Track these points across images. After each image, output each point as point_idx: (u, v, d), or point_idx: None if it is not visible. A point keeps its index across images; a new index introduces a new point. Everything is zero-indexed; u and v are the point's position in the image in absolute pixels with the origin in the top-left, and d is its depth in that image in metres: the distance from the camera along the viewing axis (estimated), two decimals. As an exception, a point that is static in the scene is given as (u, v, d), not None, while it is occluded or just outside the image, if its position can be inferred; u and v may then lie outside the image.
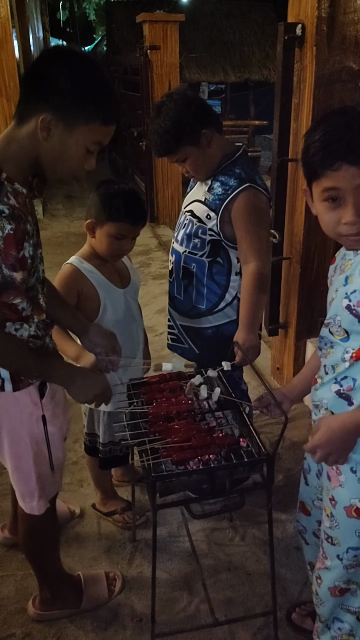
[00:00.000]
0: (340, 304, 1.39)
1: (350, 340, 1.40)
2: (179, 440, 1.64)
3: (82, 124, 1.39)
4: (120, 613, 2.05)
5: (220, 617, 1.99)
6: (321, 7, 2.40)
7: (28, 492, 1.75)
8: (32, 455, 1.68)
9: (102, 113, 1.40)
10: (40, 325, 1.58)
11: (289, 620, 1.98)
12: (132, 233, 2.04)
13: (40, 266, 1.58)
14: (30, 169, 1.46)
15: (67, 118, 1.37)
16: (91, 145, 1.43)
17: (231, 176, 2.14)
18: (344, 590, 1.53)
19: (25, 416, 1.64)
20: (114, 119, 1.44)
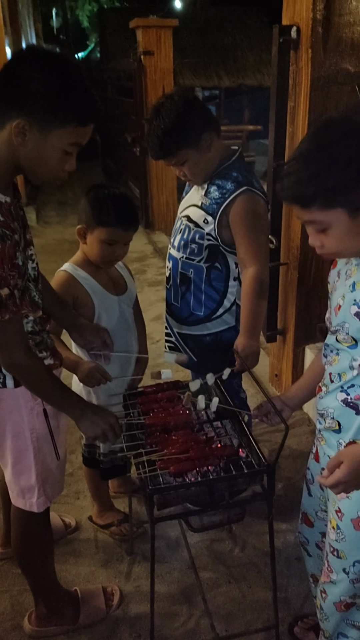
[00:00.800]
0: (348, 310, 1.35)
1: (359, 348, 1.36)
2: (176, 451, 1.60)
3: (57, 126, 1.35)
4: (118, 628, 2.00)
5: (221, 632, 1.94)
6: (316, 9, 2.37)
7: (28, 487, 1.73)
8: (32, 450, 1.68)
9: (77, 114, 1.36)
10: (37, 320, 1.59)
11: (291, 634, 1.93)
12: (123, 238, 2.00)
13: (30, 264, 1.56)
14: (11, 175, 1.43)
15: (41, 122, 1.33)
16: (69, 147, 1.39)
17: (228, 180, 2.11)
18: (350, 605, 1.48)
19: (26, 411, 1.64)
20: (91, 119, 1.40)
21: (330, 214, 1.23)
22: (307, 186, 1.22)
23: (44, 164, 1.40)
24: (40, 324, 1.62)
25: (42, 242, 6.39)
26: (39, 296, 1.62)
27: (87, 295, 2.02)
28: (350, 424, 1.39)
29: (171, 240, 2.33)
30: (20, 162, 1.40)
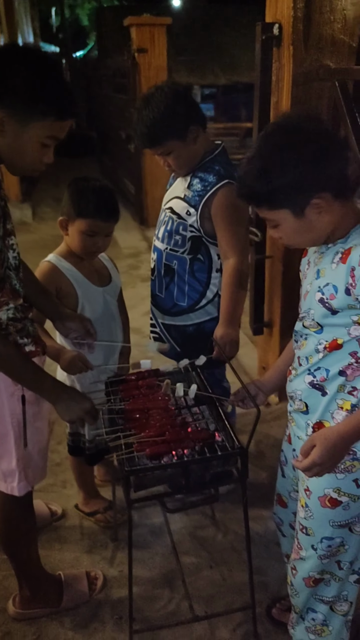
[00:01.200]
0: (313, 297, 1.41)
1: (324, 333, 1.41)
2: (153, 434, 1.65)
3: (35, 120, 1.41)
4: (100, 611, 2.05)
5: (200, 613, 1.99)
6: (297, 7, 2.42)
7: (9, 471, 1.77)
8: (13, 435, 1.72)
9: (54, 108, 1.42)
10: (18, 308, 1.63)
11: (269, 615, 1.98)
12: (103, 230, 2.04)
13: (11, 253, 1.60)
14: None
15: (19, 115, 1.39)
16: (46, 139, 1.45)
17: (210, 173, 2.15)
18: (318, 581, 1.53)
19: (7, 396, 1.68)
20: (69, 114, 1.46)
21: (277, 213, 1.34)
22: (254, 188, 1.32)
23: (22, 155, 1.46)
24: (21, 312, 1.66)
25: (37, 238, 6.44)
26: (20, 284, 1.66)
27: (70, 285, 2.07)
28: (317, 405, 1.44)
29: (156, 232, 2.37)
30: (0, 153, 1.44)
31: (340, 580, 1.53)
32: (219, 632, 1.96)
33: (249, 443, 1.65)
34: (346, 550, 1.49)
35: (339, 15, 2.48)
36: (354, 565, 1.53)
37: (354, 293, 1.31)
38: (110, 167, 9.33)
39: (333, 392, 1.41)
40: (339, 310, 1.36)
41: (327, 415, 1.43)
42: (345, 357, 1.38)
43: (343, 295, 1.33)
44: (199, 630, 1.96)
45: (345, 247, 1.35)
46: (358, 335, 1.35)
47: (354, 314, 1.33)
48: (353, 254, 1.31)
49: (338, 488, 1.43)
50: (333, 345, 1.39)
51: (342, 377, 1.39)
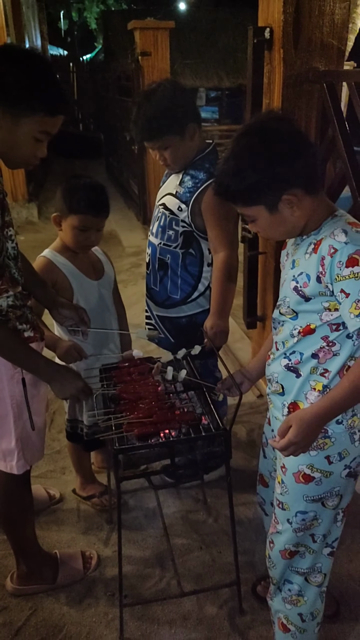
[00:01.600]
0: (289, 286, 1.50)
1: (299, 319, 1.51)
2: (142, 416, 1.75)
3: (27, 115, 1.51)
4: (94, 588, 2.15)
5: (188, 590, 2.08)
6: (287, 12, 2.51)
7: (9, 451, 1.87)
8: (12, 415, 1.82)
9: (46, 105, 1.52)
10: (18, 296, 1.73)
11: (254, 593, 2.08)
12: (95, 224, 2.14)
13: (9, 244, 1.71)
14: None
15: (13, 110, 1.50)
16: (38, 134, 1.56)
17: (201, 170, 2.25)
18: (294, 553, 1.63)
19: (7, 379, 1.78)
20: (60, 110, 1.56)
21: (253, 209, 1.44)
22: (229, 187, 1.42)
23: (16, 149, 1.57)
24: (20, 299, 1.76)
25: (43, 237, 6.56)
26: (19, 273, 1.76)
27: (65, 279, 2.17)
28: (292, 387, 1.54)
29: (151, 228, 2.47)
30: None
31: (314, 552, 1.62)
32: (206, 608, 2.05)
33: (232, 424, 1.75)
34: (319, 524, 1.59)
35: (327, 20, 2.56)
36: (327, 539, 1.62)
37: (324, 281, 1.40)
38: (117, 169, 9.45)
39: (306, 374, 1.50)
40: (311, 298, 1.45)
41: (301, 396, 1.52)
42: (317, 341, 1.47)
43: (315, 283, 1.42)
44: (187, 606, 2.06)
45: (317, 239, 1.44)
46: (329, 320, 1.44)
47: (325, 301, 1.43)
48: (323, 245, 1.40)
49: (311, 464, 1.52)
50: (307, 330, 1.48)
51: (314, 359, 1.49)
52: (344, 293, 1.35)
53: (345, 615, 2.00)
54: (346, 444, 1.51)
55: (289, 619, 1.68)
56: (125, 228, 7.13)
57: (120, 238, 6.67)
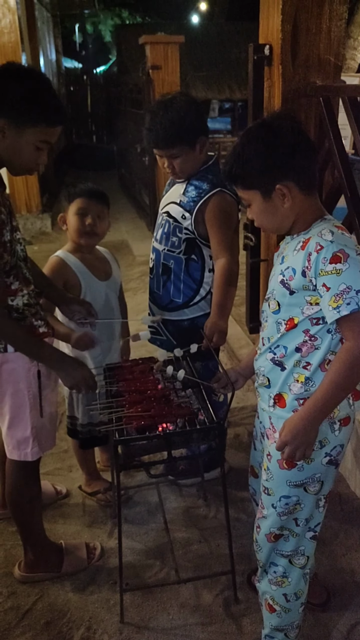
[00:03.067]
0: (276, 280, 1.63)
1: (281, 312, 1.63)
2: (140, 410, 1.86)
3: (29, 126, 1.69)
4: (97, 577, 2.25)
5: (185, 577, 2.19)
6: (285, 30, 2.63)
7: (24, 439, 2.01)
8: (28, 405, 1.97)
9: (45, 116, 1.71)
10: (31, 294, 1.90)
11: (249, 583, 2.17)
12: (91, 208, 2.31)
13: (19, 247, 1.86)
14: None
15: (17, 122, 1.68)
16: (40, 143, 1.74)
17: (204, 181, 2.38)
18: (278, 536, 1.73)
19: (24, 372, 1.93)
20: (58, 121, 1.75)
21: (249, 193, 1.58)
22: (232, 170, 1.58)
23: (19, 157, 1.74)
24: (34, 297, 1.93)
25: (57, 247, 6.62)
26: (29, 273, 1.94)
27: (75, 277, 2.33)
28: (277, 379, 1.65)
29: (154, 234, 2.60)
30: (1, 156, 1.73)
31: (297, 536, 1.72)
32: (203, 596, 2.15)
33: (225, 417, 1.86)
34: (302, 509, 1.69)
35: (324, 37, 2.69)
36: (309, 523, 1.72)
37: (309, 275, 1.51)
38: (129, 180, 9.63)
39: (290, 367, 1.62)
40: (295, 291, 1.57)
41: (285, 388, 1.64)
42: (299, 335, 1.59)
43: (300, 277, 1.54)
44: (185, 594, 2.16)
45: (306, 237, 1.56)
46: (310, 315, 1.55)
47: (307, 295, 1.54)
48: (311, 242, 1.52)
49: None
50: (290, 325, 1.60)
51: (298, 353, 1.60)
52: (325, 287, 1.47)
53: (334, 604, 2.09)
54: (326, 433, 1.62)
55: (274, 599, 1.78)
56: (136, 238, 7.28)
57: (131, 247, 6.81)
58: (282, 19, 2.62)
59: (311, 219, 1.59)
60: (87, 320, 2.23)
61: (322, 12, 2.66)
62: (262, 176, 1.54)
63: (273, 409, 1.67)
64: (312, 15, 2.65)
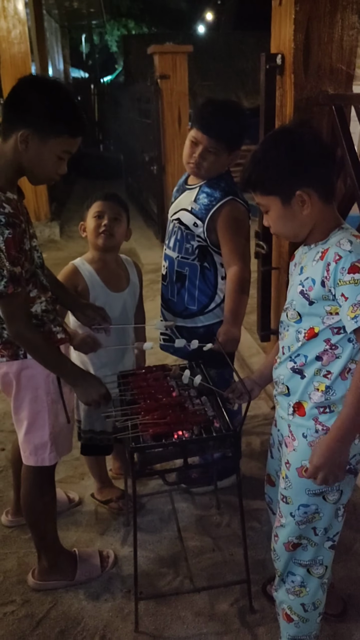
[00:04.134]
0: (295, 290, 1.63)
1: (303, 322, 1.62)
2: (157, 417, 1.86)
3: (53, 136, 1.72)
4: (111, 585, 2.24)
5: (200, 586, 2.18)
6: (297, 39, 2.65)
7: (42, 444, 2.02)
8: (47, 411, 1.99)
9: (68, 127, 1.74)
10: (49, 300, 1.93)
11: (264, 592, 2.16)
12: (107, 210, 2.34)
13: (36, 254, 1.89)
14: (16, 177, 1.80)
15: (40, 132, 1.70)
16: (62, 153, 1.77)
17: (216, 189, 2.39)
18: (296, 545, 1.72)
19: (43, 377, 1.95)
20: (80, 132, 1.78)
21: (268, 199, 1.59)
22: (252, 176, 1.59)
23: (42, 167, 1.77)
24: (51, 304, 1.96)
25: (65, 255, 6.75)
26: (46, 280, 1.96)
27: (85, 286, 2.35)
28: (297, 388, 1.65)
29: (166, 241, 2.60)
30: (23, 165, 1.76)
31: (316, 545, 1.71)
32: (218, 605, 2.14)
33: (242, 426, 1.86)
34: (321, 518, 1.68)
35: (336, 46, 2.70)
36: (328, 533, 1.71)
37: (328, 285, 1.51)
38: (136, 188, 9.67)
39: (310, 376, 1.61)
40: (314, 301, 1.56)
41: (305, 396, 1.63)
42: (320, 344, 1.58)
43: (319, 287, 1.54)
44: (199, 604, 2.14)
45: (324, 247, 1.56)
46: (330, 324, 1.55)
47: (327, 305, 1.54)
48: (329, 252, 1.52)
49: None
50: (310, 334, 1.59)
51: (318, 362, 1.59)
52: (343, 297, 1.47)
53: (352, 614, 2.07)
54: None
55: (292, 609, 1.77)
56: (144, 246, 7.30)
57: (139, 255, 6.83)
58: (295, 28, 2.64)
59: (329, 228, 1.60)
60: (102, 326, 2.24)
61: (334, 22, 2.67)
62: (283, 182, 1.55)
63: (292, 417, 1.67)
64: (324, 25, 2.67)
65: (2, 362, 1.94)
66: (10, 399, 2.03)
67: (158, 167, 6.89)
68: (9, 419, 3.38)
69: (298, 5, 2.62)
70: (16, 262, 1.70)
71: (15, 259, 1.69)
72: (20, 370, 1.93)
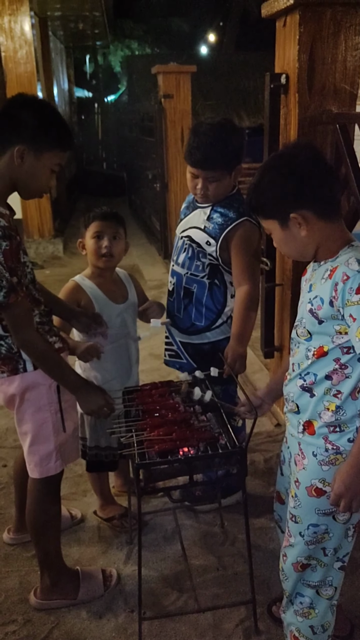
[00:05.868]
0: (305, 308, 1.62)
1: (313, 340, 1.61)
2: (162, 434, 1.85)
3: (46, 150, 1.81)
4: (114, 604, 2.21)
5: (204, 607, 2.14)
6: (301, 59, 2.68)
7: (47, 454, 2.02)
8: (51, 421, 1.99)
9: (60, 142, 1.84)
10: (42, 313, 1.96)
11: (270, 613, 2.12)
12: (107, 230, 2.34)
13: (27, 268, 1.92)
14: (7, 192, 1.86)
15: (35, 147, 1.80)
16: (54, 166, 1.87)
17: (230, 209, 2.39)
18: (305, 566, 1.69)
19: (45, 388, 1.96)
20: (69, 146, 1.89)
21: (269, 223, 1.61)
22: (251, 200, 1.63)
23: (36, 180, 1.86)
24: (45, 316, 1.99)
25: (68, 271, 6.77)
26: (38, 294, 1.99)
27: (89, 301, 2.36)
28: (307, 406, 1.63)
29: (174, 257, 2.60)
30: (17, 180, 1.84)
31: (325, 566, 1.68)
32: (222, 626, 2.10)
33: (247, 442, 1.84)
34: (330, 538, 1.65)
35: (340, 66, 2.73)
36: (338, 553, 1.68)
37: (336, 305, 1.51)
38: (139, 206, 9.73)
39: (320, 395, 1.60)
40: (324, 320, 1.56)
41: (315, 415, 1.62)
42: (330, 363, 1.57)
43: (327, 307, 1.53)
44: (204, 624, 2.11)
45: (333, 266, 1.55)
46: (340, 343, 1.54)
47: (336, 324, 1.53)
48: (338, 271, 1.51)
49: (323, 479, 1.61)
50: (320, 352, 1.59)
51: (328, 381, 1.58)
52: (352, 318, 1.46)
53: (359, 636, 2.04)
54: None
55: (300, 631, 1.74)
56: (147, 262, 7.32)
57: (142, 272, 6.85)
58: (299, 48, 2.67)
59: (336, 245, 1.58)
60: (99, 330, 2.28)
61: (337, 43, 2.71)
62: (277, 206, 1.57)
63: (302, 435, 1.66)
64: (328, 46, 2.70)
65: (3, 378, 1.94)
66: (14, 412, 2.03)
67: (161, 185, 6.94)
68: (11, 435, 3.36)
69: (302, 26, 2.66)
70: (14, 272, 1.75)
71: (13, 270, 1.74)
72: (22, 386, 1.94)
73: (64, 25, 10.94)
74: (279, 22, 2.88)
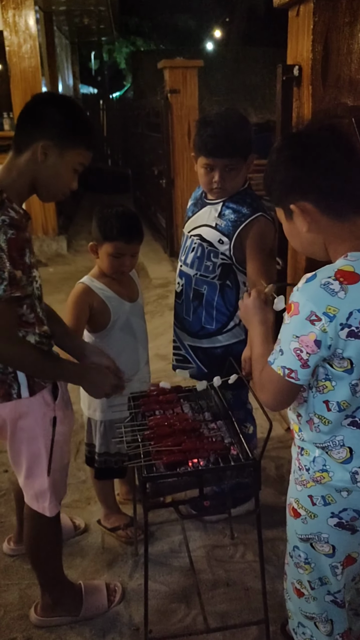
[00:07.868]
0: None
1: None
2: (170, 444, 1.74)
3: (71, 148, 1.70)
4: (118, 622, 2.11)
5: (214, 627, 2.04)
6: (315, 50, 2.57)
7: (41, 491, 1.88)
8: (46, 455, 1.84)
9: (85, 140, 1.73)
10: (42, 334, 1.78)
11: (283, 632, 2.02)
12: (128, 250, 2.20)
13: (35, 283, 1.76)
14: (26, 192, 1.74)
15: (59, 144, 1.69)
16: (77, 165, 1.75)
17: (243, 205, 2.28)
18: (300, 593, 1.59)
19: (40, 417, 1.81)
20: (93, 145, 1.79)
21: (278, 210, 1.45)
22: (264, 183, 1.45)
23: (58, 179, 1.75)
24: (46, 338, 1.81)
25: (72, 269, 6.68)
26: (43, 313, 1.82)
27: (102, 302, 2.24)
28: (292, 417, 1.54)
29: (182, 257, 2.48)
30: (37, 178, 1.71)
31: (316, 600, 1.56)
32: (233, 646, 2.00)
33: (262, 454, 1.73)
34: (313, 569, 1.53)
35: (355, 57, 2.62)
36: (328, 588, 1.54)
37: None
38: (144, 203, 9.61)
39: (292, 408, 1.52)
40: None
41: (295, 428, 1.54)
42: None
43: None
44: (213, 644, 2.01)
45: None
46: None
47: None
48: None
49: (297, 499, 1.51)
50: None
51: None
52: None
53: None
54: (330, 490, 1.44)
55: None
56: (152, 260, 7.21)
57: (147, 270, 6.74)
58: (313, 39, 2.56)
59: (343, 248, 1.34)
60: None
61: (353, 33, 2.59)
62: (280, 192, 1.38)
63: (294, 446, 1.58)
64: (343, 36, 2.59)
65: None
66: (6, 442, 1.88)
67: (167, 181, 6.82)
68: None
69: (317, 16, 2.54)
70: (17, 265, 1.60)
71: (16, 262, 1.59)
72: (14, 416, 1.79)
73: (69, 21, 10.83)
74: (292, 11, 2.76)
